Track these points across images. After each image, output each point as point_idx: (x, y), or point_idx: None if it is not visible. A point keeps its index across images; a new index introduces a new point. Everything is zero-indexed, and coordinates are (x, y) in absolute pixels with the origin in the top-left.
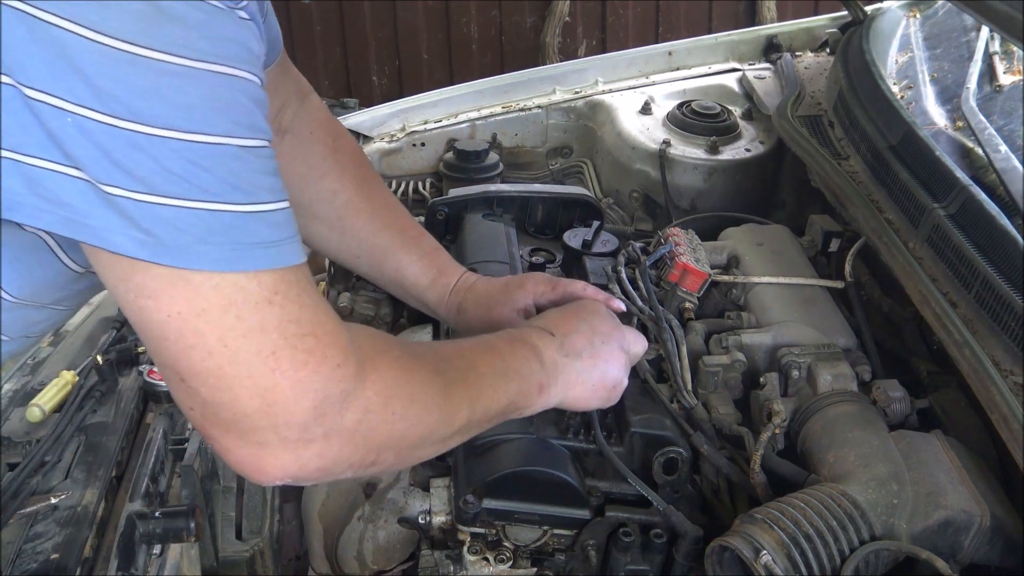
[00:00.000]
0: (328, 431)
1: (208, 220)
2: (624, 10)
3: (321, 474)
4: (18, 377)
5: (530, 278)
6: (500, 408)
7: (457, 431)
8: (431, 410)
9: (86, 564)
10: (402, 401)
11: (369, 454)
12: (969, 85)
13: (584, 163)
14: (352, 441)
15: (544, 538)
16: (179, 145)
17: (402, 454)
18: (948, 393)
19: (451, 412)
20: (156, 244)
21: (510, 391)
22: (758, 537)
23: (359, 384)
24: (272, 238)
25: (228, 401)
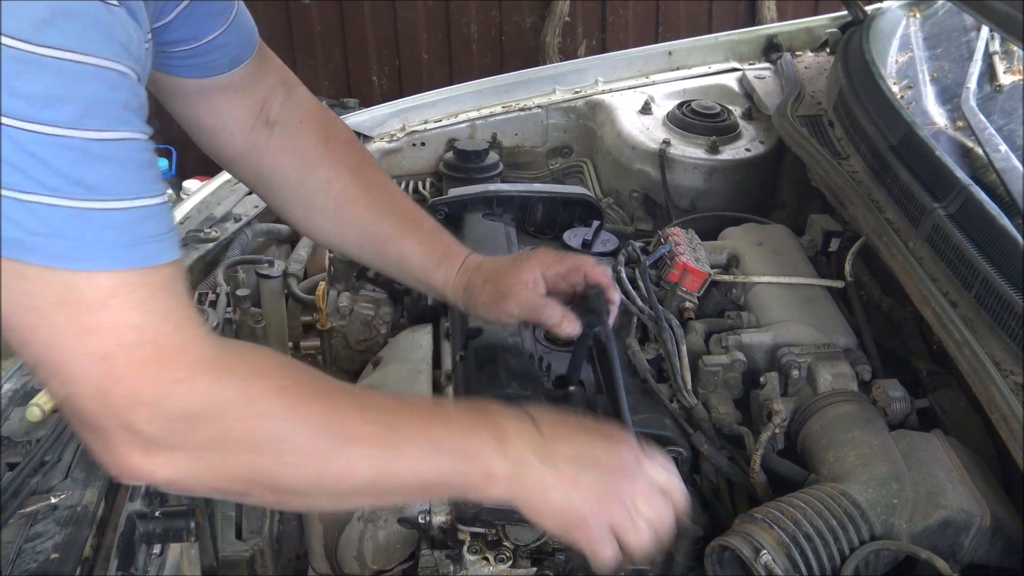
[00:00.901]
0: (174, 445)
1: (43, 215)
2: (624, 10)
3: (173, 486)
4: (18, 377)
5: (538, 252)
6: (422, 481)
7: (356, 490)
8: (311, 457)
9: (86, 564)
10: (269, 437)
11: (234, 483)
12: (969, 85)
13: (584, 163)
14: (204, 462)
15: (544, 538)
16: (16, 134)
17: (282, 496)
18: (948, 393)
19: (345, 467)
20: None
21: (441, 467)
22: (758, 537)
23: (211, 404)
24: (119, 238)
25: (71, 397)
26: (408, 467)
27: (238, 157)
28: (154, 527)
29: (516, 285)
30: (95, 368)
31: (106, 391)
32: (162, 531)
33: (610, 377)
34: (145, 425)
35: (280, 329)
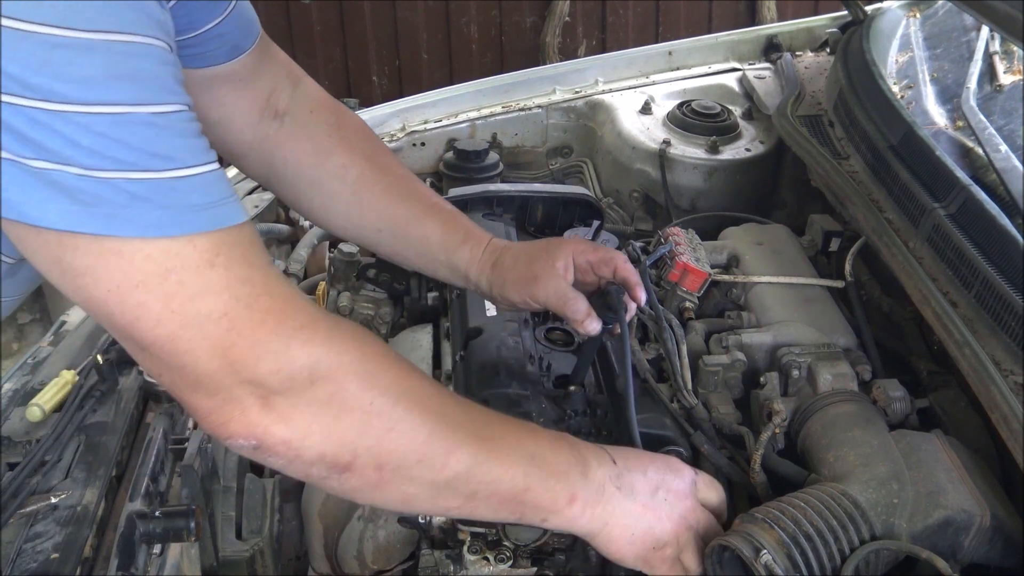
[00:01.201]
0: (295, 399)
1: (128, 189)
2: (624, 10)
3: (286, 447)
4: (18, 377)
5: (569, 240)
6: (512, 488)
7: (450, 482)
8: (418, 431)
9: (86, 564)
10: (381, 401)
11: (343, 450)
12: (969, 85)
13: (584, 163)
14: (319, 421)
15: (544, 538)
16: (83, 119)
17: (384, 475)
18: (948, 393)
19: (446, 449)
20: (80, 214)
21: (531, 477)
22: (758, 536)
23: (329, 356)
24: (204, 201)
25: (189, 363)
26: (501, 469)
27: (248, 150)
28: (154, 527)
29: (547, 269)
30: (215, 327)
31: (228, 347)
32: (162, 531)
33: (621, 376)
34: (270, 376)
35: None
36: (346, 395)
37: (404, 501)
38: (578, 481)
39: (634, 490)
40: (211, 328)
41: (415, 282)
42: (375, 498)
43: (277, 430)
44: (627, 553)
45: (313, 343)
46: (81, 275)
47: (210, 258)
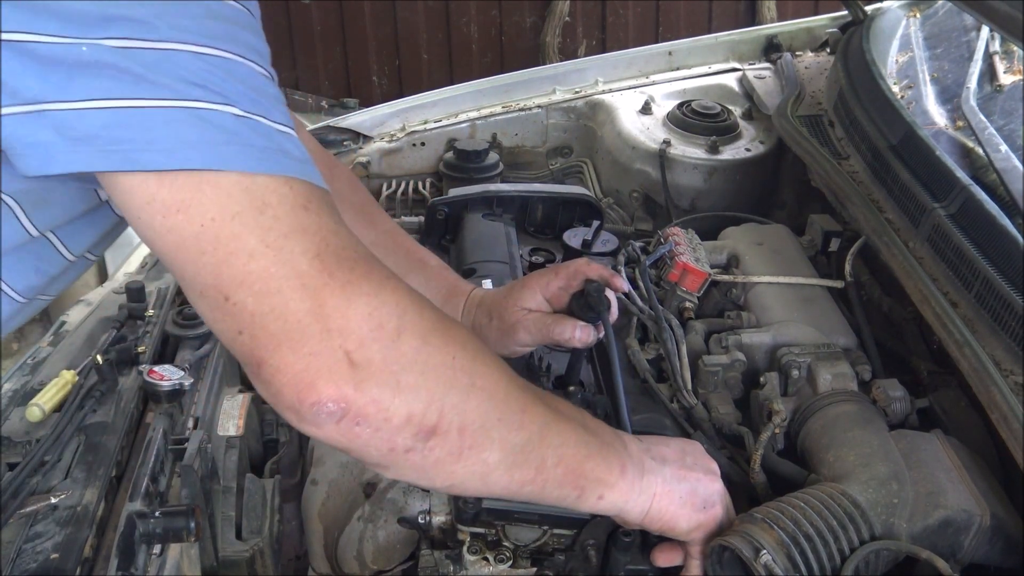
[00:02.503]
0: (383, 352)
1: (233, 124)
2: (624, 10)
3: (376, 407)
4: (18, 377)
5: (531, 276)
6: (576, 455)
7: (524, 441)
8: (496, 390)
9: (86, 564)
10: (461, 360)
11: (428, 412)
12: (969, 85)
13: (584, 163)
14: (408, 374)
15: (544, 538)
16: (193, 56)
17: (466, 439)
18: (948, 393)
19: (521, 403)
20: (182, 149)
21: (590, 444)
22: (758, 536)
23: (412, 308)
24: (298, 154)
25: (278, 306)
26: (567, 431)
27: None
28: (154, 527)
29: (519, 315)
30: (308, 265)
31: (320, 287)
32: (162, 531)
33: (608, 374)
34: (361, 323)
35: None
36: (431, 350)
37: (482, 475)
38: (623, 452)
39: (665, 459)
40: (304, 266)
41: None
42: (455, 473)
43: (368, 387)
44: (680, 520)
45: (399, 293)
46: (175, 211)
47: (304, 203)
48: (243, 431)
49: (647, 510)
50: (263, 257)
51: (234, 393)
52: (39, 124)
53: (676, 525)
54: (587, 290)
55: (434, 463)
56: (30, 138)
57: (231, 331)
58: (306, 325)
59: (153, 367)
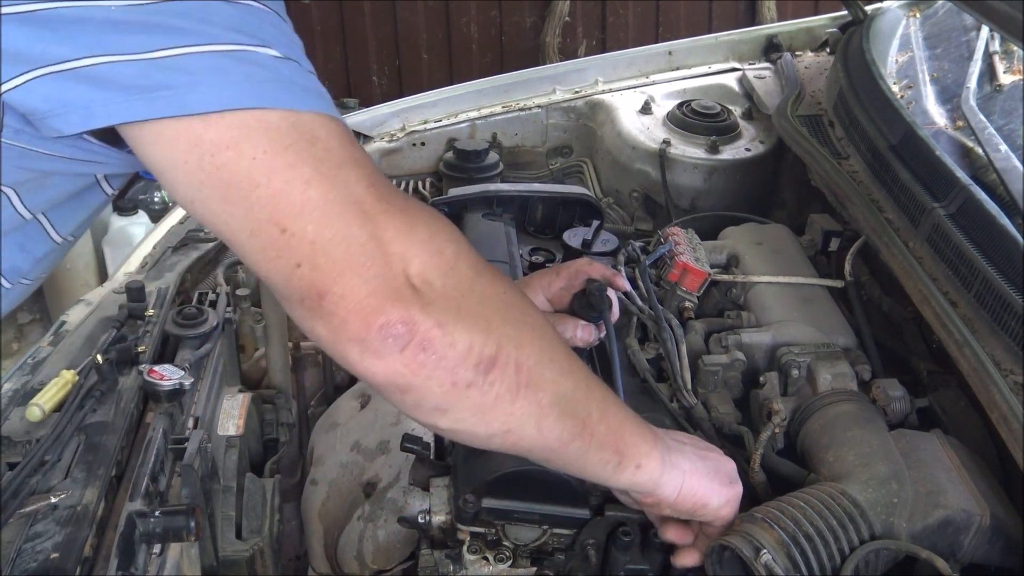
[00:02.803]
0: (445, 279)
1: (274, 64)
2: (624, 10)
3: (441, 333)
4: (18, 377)
5: (533, 276)
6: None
7: (573, 387)
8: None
9: (86, 564)
10: (511, 288)
11: (488, 341)
12: (969, 85)
13: (584, 163)
14: (467, 302)
15: (544, 537)
16: (226, 5)
17: (523, 368)
18: (948, 393)
19: (566, 356)
20: (227, 89)
21: (626, 411)
22: (758, 536)
23: (463, 244)
24: (331, 101)
25: (340, 231)
26: (604, 392)
27: None
28: (154, 527)
29: None
30: (365, 192)
31: (380, 213)
32: (162, 531)
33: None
34: (422, 246)
35: (280, 329)
36: (485, 281)
37: (538, 418)
38: (647, 429)
39: (682, 443)
40: (361, 193)
41: None
42: (512, 415)
43: (432, 310)
44: (712, 496)
45: (449, 224)
46: (224, 149)
47: (350, 139)
48: (243, 431)
49: (680, 487)
50: (320, 184)
51: (234, 393)
52: (74, 80)
53: (708, 502)
54: (589, 290)
55: (494, 401)
56: (67, 95)
57: (288, 267)
58: (369, 250)
59: (153, 367)
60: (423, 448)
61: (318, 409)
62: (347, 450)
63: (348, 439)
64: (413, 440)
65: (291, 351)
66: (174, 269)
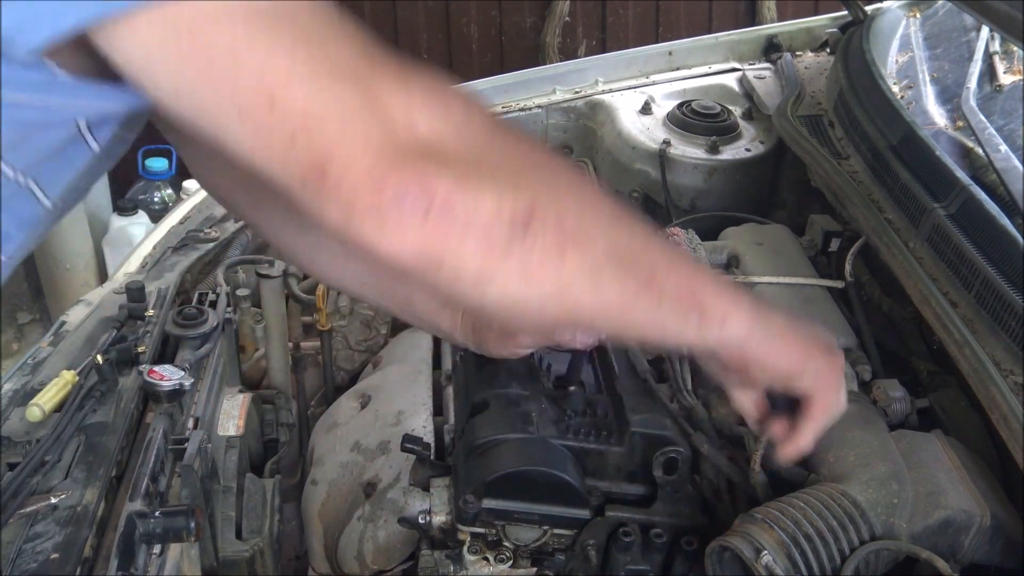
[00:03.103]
0: (459, 133)
1: None
2: (624, 10)
3: (464, 194)
4: (18, 377)
5: None
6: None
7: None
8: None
9: (86, 564)
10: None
11: (520, 192)
12: (969, 85)
13: (584, 163)
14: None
15: (544, 538)
16: None
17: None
18: (948, 393)
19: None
20: None
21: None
22: (758, 537)
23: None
24: None
25: (331, 97)
26: (665, 244)
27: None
28: (154, 527)
29: None
30: (358, 57)
31: (372, 77)
32: (162, 531)
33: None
34: (425, 105)
35: (280, 329)
36: (505, 139)
37: (593, 272)
38: (728, 280)
39: (775, 311)
40: (352, 57)
41: None
42: (563, 273)
43: (450, 167)
44: (810, 352)
45: (460, 89)
46: (203, 28)
47: (334, 18)
48: (243, 431)
49: (774, 342)
50: (306, 47)
51: (234, 393)
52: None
53: (807, 363)
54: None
55: (539, 260)
56: (29, 9)
57: (283, 144)
58: (368, 112)
59: (153, 367)
60: (423, 448)
61: (318, 409)
62: (347, 450)
63: (348, 439)
64: (413, 440)
65: (291, 351)
66: (174, 269)
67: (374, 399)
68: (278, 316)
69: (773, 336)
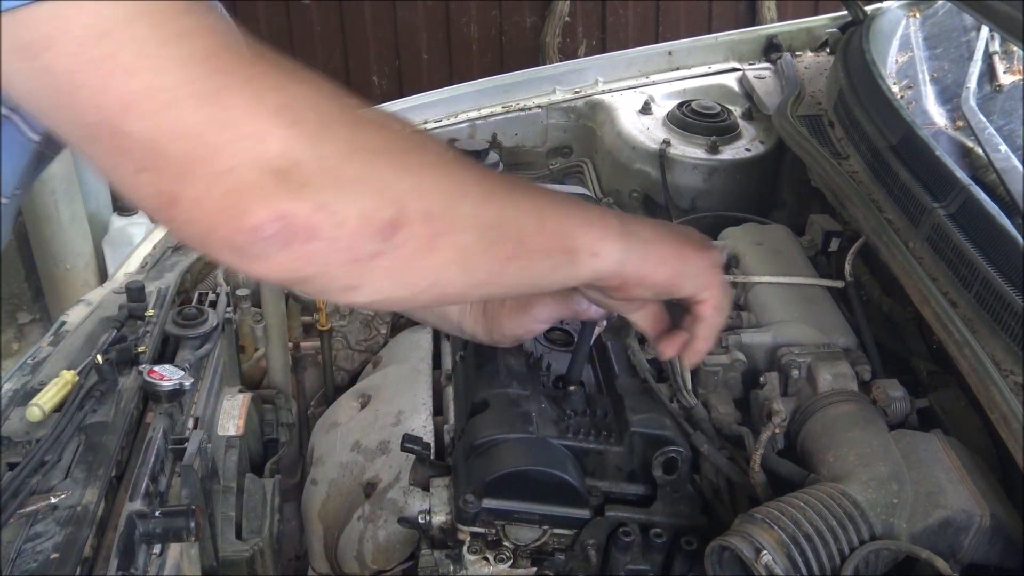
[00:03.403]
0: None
1: None
2: (624, 10)
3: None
4: (18, 377)
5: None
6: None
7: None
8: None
9: (86, 564)
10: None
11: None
12: (969, 85)
13: (584, 163)
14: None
15: (544, 538)
16: None
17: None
18: (948, 393)
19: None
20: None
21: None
22: (758, 537)
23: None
24: None
25: (174, 122)
26: (536, 199)
27: None
28: (154, 527)
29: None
30: (201, 66)
31: (216, 93)
32: (162, 531)
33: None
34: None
35: (280, 329)
36: (367, 134)
37: (462, 261)
38: (598, 211)
39: (641, 228)
40: (195, 69)
41: None
42: (432, 268)
43: (306, 192)
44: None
45: (314, 81)
46: (44, 49)
47: (184, 9)
48: (243, 431)
49: (646, 257)
50: (144, 72)
51: (234, 393)
52: None
53: (685, 266)
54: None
55: (407, 262)
56: None
57: (131, 174)
58: (212, 137)
59: (153, 367)
60: (423, 448)
61: (318, 409)
62: (347, 450)
63: (348, 439)
64: (413, 440)
65: (291, 351)
66: (174, 269)
67: (374, 399)
68: (278, 316)
69: (645, 252)
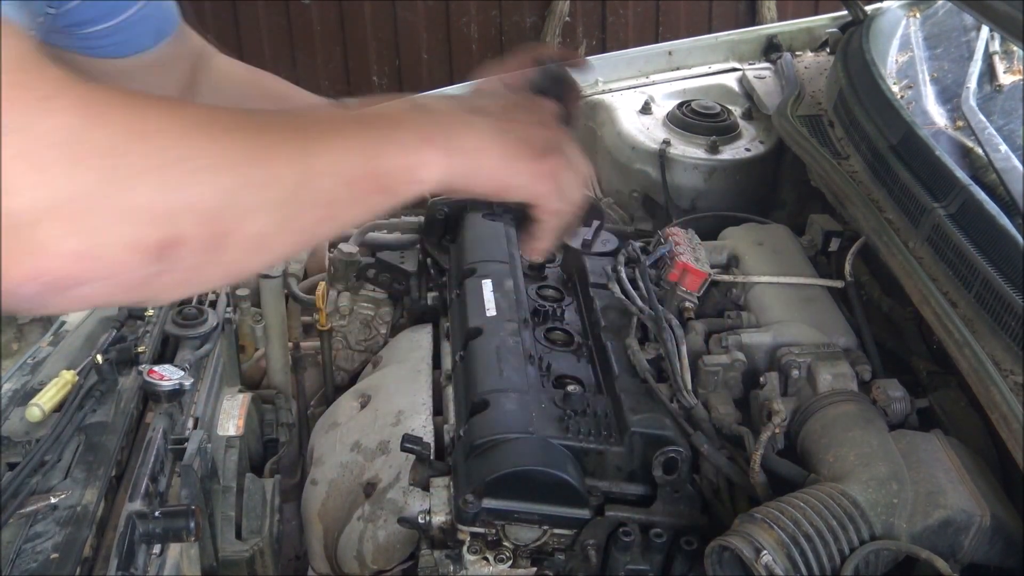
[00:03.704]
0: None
1: None
2: (624, 10)
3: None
4: (18, 377)
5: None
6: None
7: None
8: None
9: (86, 564)
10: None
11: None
12: (969, 85)
13: None
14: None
15: (544, 538)
16: None
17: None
18: (948, 393)
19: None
20: None
21: (375, 139)
22: (758, 537)
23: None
24: None
25: None
26: (334, 151)
27: None
28: (154, 527)
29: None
30: None
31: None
32: (162, 531)
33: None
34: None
35: (280, 329)
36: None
37: (260, 247)
38: (419, 119)
39: (487, 111)
40: None
41: (415, 282)
42: (227, 264)
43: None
44: (512, 172)
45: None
46: None
47: None
48: (243, 431)
49: (471, 173)
50: None
51: (234, 393)
52: None
53: (511, 181)
54: (547, 69)
55: (194, 270)
56: None
57: None
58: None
59: (153, 367)
60: (423, 448)
61: (318, 409)
62: (347, 450)
63: (348, 439)
64: (413, 440)
65: (291, 351)
66: None
67: (374, 399)
68: (278, 316)
69: (470, 166)
